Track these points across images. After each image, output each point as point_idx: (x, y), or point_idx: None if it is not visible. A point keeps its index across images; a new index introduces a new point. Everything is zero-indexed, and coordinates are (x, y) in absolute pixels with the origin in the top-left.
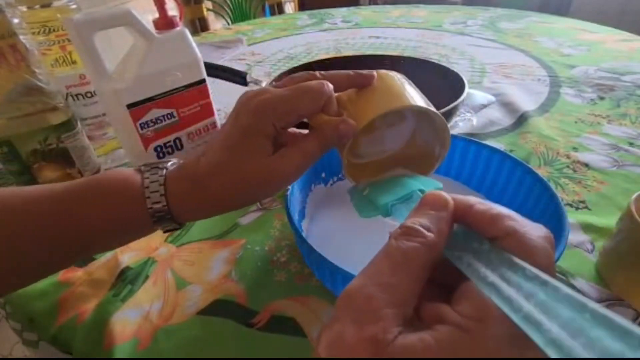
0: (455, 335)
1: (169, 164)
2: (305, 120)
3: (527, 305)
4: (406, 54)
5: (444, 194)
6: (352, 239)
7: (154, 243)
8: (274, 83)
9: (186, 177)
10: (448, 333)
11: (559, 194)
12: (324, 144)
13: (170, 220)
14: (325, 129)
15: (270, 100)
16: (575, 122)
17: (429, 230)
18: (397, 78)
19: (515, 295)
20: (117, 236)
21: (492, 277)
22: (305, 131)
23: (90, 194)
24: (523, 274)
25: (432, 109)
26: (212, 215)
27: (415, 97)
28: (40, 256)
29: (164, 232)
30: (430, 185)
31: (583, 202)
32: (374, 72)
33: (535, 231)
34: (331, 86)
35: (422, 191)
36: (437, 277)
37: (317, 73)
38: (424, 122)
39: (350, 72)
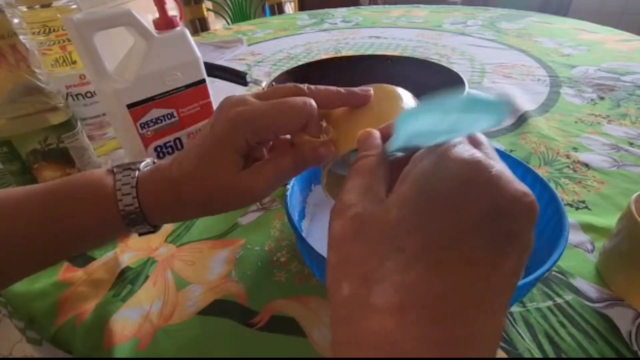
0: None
1: (142, 164)
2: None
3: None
4: (406, 54)
5: (371, 132)
6: None
7: (154, 243)
8: (273, 83)
9: (160, 178)
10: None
11: (559, 194)
12: (300, 164)
13: (143, 221)
14: (303, 149)
15: (248, 113)
16: (575, 122)
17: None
18: (395, 96)
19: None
20: (90, 238)
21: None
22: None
23: (63, 195)
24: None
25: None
26: (186, 219)
27: None
28: (19, 257)
29: (139, 235)
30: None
31: (583, 202)
32: (370, 92)
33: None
34: (314, 105)
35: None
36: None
37: (304, 87)
38: None
39: (342, 90)
